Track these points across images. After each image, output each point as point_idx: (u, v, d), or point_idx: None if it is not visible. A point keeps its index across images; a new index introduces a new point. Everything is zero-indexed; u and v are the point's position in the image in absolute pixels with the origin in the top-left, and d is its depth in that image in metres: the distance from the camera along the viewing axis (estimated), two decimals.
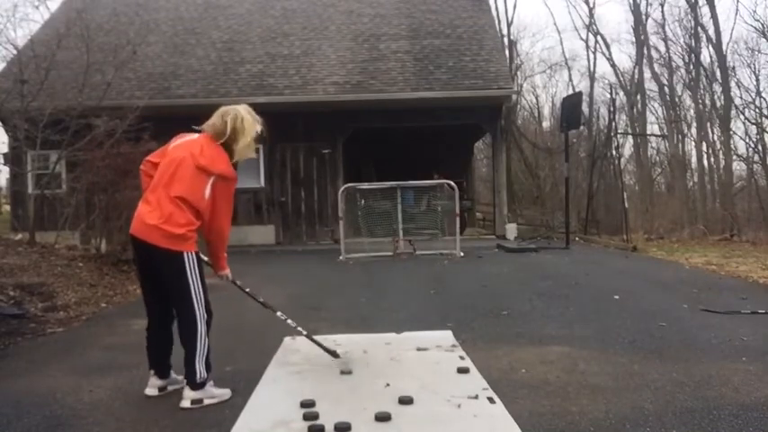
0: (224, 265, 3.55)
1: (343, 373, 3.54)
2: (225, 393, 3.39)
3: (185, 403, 3.24)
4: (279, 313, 3.77)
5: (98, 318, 5.86)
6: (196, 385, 3.25)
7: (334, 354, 3.71)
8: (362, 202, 11.35)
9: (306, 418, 2.85)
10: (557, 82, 54.11)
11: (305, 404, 3.02)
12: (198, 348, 3.26)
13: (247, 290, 3.69)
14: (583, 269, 8.67)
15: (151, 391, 3.43)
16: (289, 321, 3.77)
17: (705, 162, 28.18)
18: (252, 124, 3.45)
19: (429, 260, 9.91)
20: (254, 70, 14.57)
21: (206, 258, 3.51)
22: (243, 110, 3.46)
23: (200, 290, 3.31)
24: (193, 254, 3.29)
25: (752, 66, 31.15)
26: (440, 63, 14.58)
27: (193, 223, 3.28)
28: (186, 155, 3.30)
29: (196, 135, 3.43)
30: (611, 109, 19.92)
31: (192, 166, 3.27)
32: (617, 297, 6.39)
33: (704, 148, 28.01)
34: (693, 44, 28.06)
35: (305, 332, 3.76)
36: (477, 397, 3.15)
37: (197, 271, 3.30)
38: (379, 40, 15.53)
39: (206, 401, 3.27)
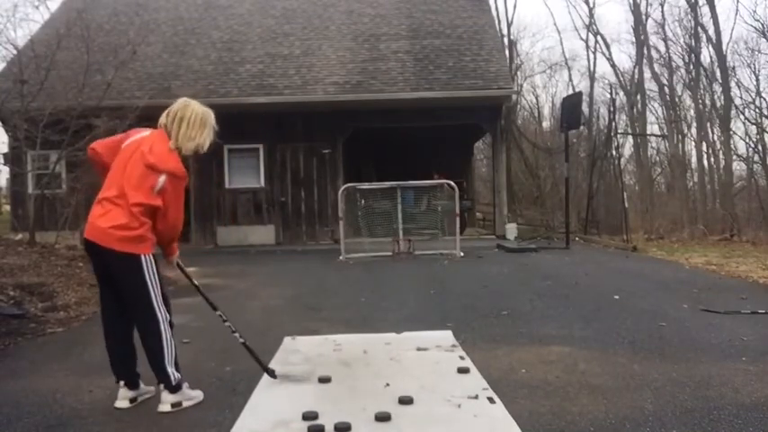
0: (174, 250, 3.44)
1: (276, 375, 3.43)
2: (199, 395, 3.36)
3: (165, 407, 3.19)
4: (218, 313, 3.53)
5: (98, 318, 5.79)
6: (173, 388, 3.20)
7: (271, 372, 3.50)
8: (362, 202, 11.35)
9: (305, 418, 2.85)
10: (557, 82, 54.12)
11: (305, 404, 3.02)
12: (165, 351, 3.19)
13: (196, 282, 3.53)
14: (583, 269, 8.67)
15: (122, 403, 3.30)
16: (227, 324, 3.54)
17: (705, 162, 28.18)
18: (192, 115, 3.35)
19: (429, 260, 9.91)
20: (254, 70, 14.57)
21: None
22: (192, 102, 3.41)
23: (159, 292, 3.24)
24: (150, 256, 3.21)
25: (752, 66, 31.18)
26: (440, 63, 14.58)
27: (147, 223, 3.19)
28: (136, 154, 3.23)
29: (148, 131, 3.37)
30: (611, 109, 19.90)
31: (141, 165, 3.19)
32: (617, 297, 6.39)
33: (704, 148, 28.01)
34: (693, 44, 28.04)
35: (242, 339, 3.54)
36: (477, 397, 3.14)
37: (155, 273, 3.22)
38: (379, 40, 15.53)
39: (185, 404, 3.24)
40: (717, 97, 27.16)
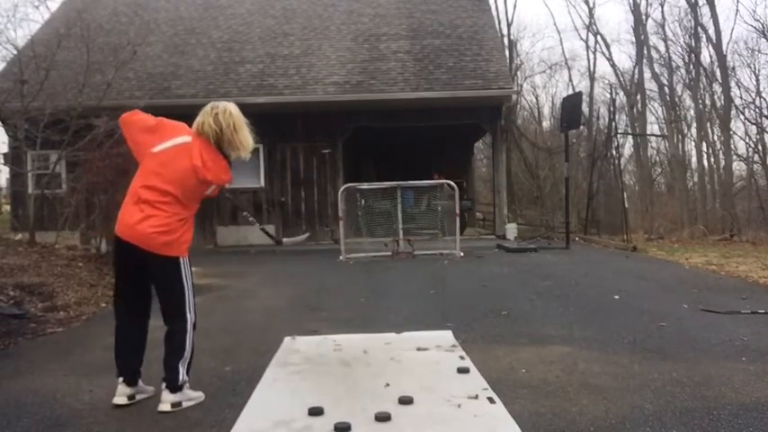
0: None
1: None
2: (200, 396, 3.37)
3: (165, 407, 3.20)
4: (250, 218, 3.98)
5: (98, 318, 5.86)
6: (176, 388, 3.22)
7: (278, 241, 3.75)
8: (362, 202, 11.35)
9: (308, 415, 2.85)
10: (557, 82, 54.27)
11: (305, 404, 3.02)
12: (185, 352, 3.25)
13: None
14: (583, 269, 8.67)
15: (120, 399, 3.31)
16: (251, 219, 4.02)
17: (705, 162, 28.19)
18: (240, 118, 3.39)
19: (429, 260, 9.91)
20: (254, 70, 14.57)
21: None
22: (230, 105, 3.40)
23: (193, 293, 3.33)
24: (187, 258, 3.32)
25: (752, 66, 31.35)
26: (440, 63, 14.58)
27: (187, 227, 3.32)
28: (187, 166, 3.23)
29: (186, 134, 3.32)
30: (611, 109, 19.91)
31: (195, 179, 3.24)
32: (617, 297, 6.39)
33: (704, 148, 28.02)
34: (693, 44, 28.07)
35: (259, 226, 3.93)
36: (477, 397, 3.13)
37: (190, 274, 3.32)
38: (379, 40, 15.53)
39: (185, 404, 3.25)
40: (717, 97, 27.19)
